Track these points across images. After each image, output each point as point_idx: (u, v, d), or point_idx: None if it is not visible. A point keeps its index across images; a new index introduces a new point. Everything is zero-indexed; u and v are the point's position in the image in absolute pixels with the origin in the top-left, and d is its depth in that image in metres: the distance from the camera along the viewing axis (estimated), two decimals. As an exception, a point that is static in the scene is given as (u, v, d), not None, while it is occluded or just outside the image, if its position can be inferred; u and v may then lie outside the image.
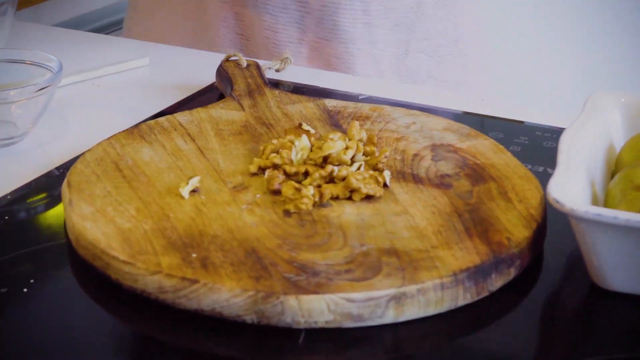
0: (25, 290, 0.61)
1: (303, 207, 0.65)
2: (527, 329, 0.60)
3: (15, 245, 0.66)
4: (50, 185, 0.74)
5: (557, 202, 0.59)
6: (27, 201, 0.72)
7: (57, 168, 0.76)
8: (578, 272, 0.65)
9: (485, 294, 0.61)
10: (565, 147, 0.66)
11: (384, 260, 0.60)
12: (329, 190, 0.67)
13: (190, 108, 0.84)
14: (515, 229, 0.64)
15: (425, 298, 0.59)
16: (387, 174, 0.69)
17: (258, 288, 0.57)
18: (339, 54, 1.03)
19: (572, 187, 0.62)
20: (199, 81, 0.94)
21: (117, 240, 0.62)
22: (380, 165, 0.70)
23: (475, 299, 0.61)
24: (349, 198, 0.67)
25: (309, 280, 0.58)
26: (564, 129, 0.84)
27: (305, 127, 0.75)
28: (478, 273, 0.60)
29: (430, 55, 1.08)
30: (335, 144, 0.69)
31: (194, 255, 0.60)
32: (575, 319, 0.62)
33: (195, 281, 0.58)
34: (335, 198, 0.67)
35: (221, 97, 0.90)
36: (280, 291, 0.57)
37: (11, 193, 0.73)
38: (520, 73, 2.00)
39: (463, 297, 0.60)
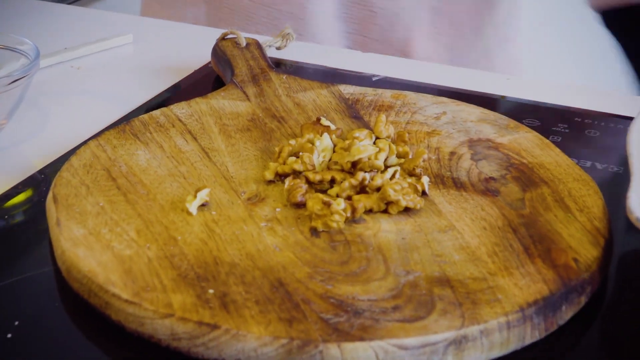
0: (9, 335, 0.51)
1: (334, 225, 0.56)
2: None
3: (-7, 275, 0.55)
4: (32, 193, 0.64)
5: (643, 223, 0.50)
6: (5, 216, 0.62)
7: (40, 172, 0.66)
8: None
9: (553, 329, 0.52)
10: (636, 151, 0.56)
11: (436, 292, 0.51)
12: (363, 203, 0.57)
13: (185, 94, 0.74)
14: (582, 247, 0.55)
15: (489, 340, 0.49)
16: (425, 180, 0.59)
17: (292, 335, 0.48)
18: None
19: (653, 200, 0.53)
20: (190, 61, 0.84)
21: (117, 272, 0.52)
22: (417, 171, 0.60)
23: (543, 335, 0.52)
24: (384, 211, 0.58)
25: (351, 322, 0.49)
26: (605, 113, 0.76)
27: (324, 122, 0.65)
28: (547, 306, 0.51)
29: None
30: (365, 148, 0.59)
31: (211, 291, 0.51)
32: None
33: (215, 326, 0.49)
34: (369, 211, 0.58)
35: (218, 79, 0.80)
36: (318, 338, 0.48)
37: (-15, 205, 0.62)
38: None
39: (531, 335, 0.51)
